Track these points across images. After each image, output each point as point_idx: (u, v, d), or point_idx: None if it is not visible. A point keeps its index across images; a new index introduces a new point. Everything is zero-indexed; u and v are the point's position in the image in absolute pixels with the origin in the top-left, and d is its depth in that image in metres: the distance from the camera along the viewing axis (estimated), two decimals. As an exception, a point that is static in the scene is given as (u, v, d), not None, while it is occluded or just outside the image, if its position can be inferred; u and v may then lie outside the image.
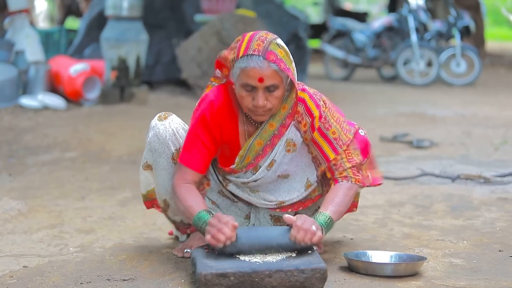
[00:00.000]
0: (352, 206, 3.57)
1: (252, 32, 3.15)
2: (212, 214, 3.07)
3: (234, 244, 2.95)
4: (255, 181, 3.30)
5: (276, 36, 3.14)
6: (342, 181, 3.20)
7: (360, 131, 3.35)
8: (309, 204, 3.40)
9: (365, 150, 3.31)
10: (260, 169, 3.27)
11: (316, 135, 3.22)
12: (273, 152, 3.25)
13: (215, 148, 3.25)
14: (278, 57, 3.05)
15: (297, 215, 3.03)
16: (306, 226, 2.93)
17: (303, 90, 3.24)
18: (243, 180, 3.31)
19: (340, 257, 3.33)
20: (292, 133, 3.24)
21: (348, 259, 3.19)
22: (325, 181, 3.35)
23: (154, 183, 3.41)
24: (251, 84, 3.05)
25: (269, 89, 3.07)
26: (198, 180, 3.26)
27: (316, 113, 3.21)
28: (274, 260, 2.93)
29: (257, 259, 2.93)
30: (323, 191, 3.36)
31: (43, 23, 21.48)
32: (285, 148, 3.25)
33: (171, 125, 3.31)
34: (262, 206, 3.38)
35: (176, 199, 3.21)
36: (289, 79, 3.11)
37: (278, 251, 2.98)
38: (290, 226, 2.99)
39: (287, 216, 2.99)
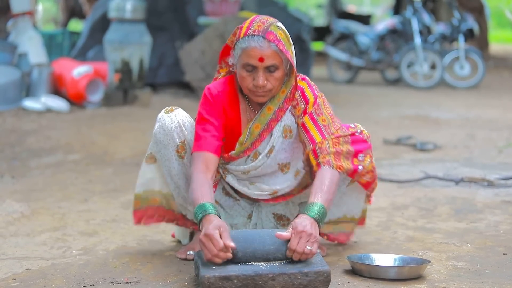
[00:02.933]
0: (359, 223, 3.58)
1: (254, 16, 3.23)
2: (215, 207, 3.02)
3: (231, 260, 2.93)
4: (255, 169, 3.33)
5: (277, 20, 3.22)
6: (324, 166, 3.15)
7: (357, 133, 3.33)
8: (302, 191, 3.42)
9: (359, 147, 3.30)
10: (260, 156, 3.30)
11: (306, 119, 3.24)
12: (272, 138, 3.29)
13: (224, 126, 3.28)
14: (278, 38, 3.12)
15: (292, 228, 2.92)
16: (300, 249, 2.86)
17: (303, 79, 3.31)
18: (244, 169, 3.33)
19: (344, 260, 3.33)
20: (288, 119, 3.29)
21: (351, 262, 3.19)
22: (312, 169, 3.30)
23: (158, 176, 3.43)
24: (252, 64, 3.12)
25: (269, 69, 3.14)
26: (213, 164, 3.21)
27: (311, 99, 3.26)
28: (277, 263, 2.93)
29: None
30: (312, 178, 3.33)
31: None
32: (283, 135, 3.29)
33: (177, 117, 3.34)
34: (257, 197, 3.40)
35: (190, 188, 3.19)
36: (287, 62, 3.17)
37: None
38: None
39: (279, 234, 2.91)
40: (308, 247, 2.87)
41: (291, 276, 2.83)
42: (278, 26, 3.16)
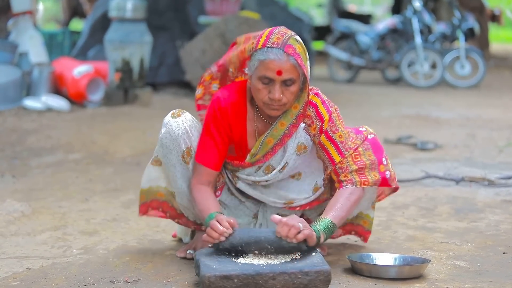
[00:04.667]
0: (366, 233, 3.58)
1: (272, 28, 3.20)
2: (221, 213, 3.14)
3: (227, 239, 2.99)
4: (266, 181, 3.33)
5: (295, 33, 3.18)
6: (346, 185, 3.20)
7: (369, 136, 3.35)
8: (315, 204, 3.42)
9: (379, 150, 3.31)
10: (274, 172, 3.30)
11: (323, 138, 3.23)
12: (285, 155, 3.27)
13: (227, 143, 3.29)
14: (296, 51, 3.09)
15: (288, 216, 3.03)
16: (290, 222, 2.94)
17: (317, 94, 3.27)
18: (254, 179, 3.33)
19: (344, 260, 3.32)
20: (302, 137, 3.27)
21: (352, 262, 3.18)
22: (332, 185, 3.36)
23: (164, 176, 3.44)
24: (269, 77, 3.08)
25: (286, 83, 3.10)
26: (214, 179, 3.31)
27: (326, 116, 3.23)
28: (278, 262, 2.93)
29: (261, 261, 2.93)
30: (331, 195, 3.38)
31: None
32: (296, 152, 3.27)
33: (184, 123, 3.33)
34: (271, 204, 3.40)
35: (192, 201, 3.29)
36: (303, 77, 3.14)
37: (272, 251, 2.98)
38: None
39: (274, 216, 2.99)
40: (300, 225, 2.94)
41: (291, 275, 2.83)
42: (296, 39, 3.12)
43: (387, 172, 3.31)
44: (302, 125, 3.26)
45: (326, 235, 3.05)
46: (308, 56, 3.18)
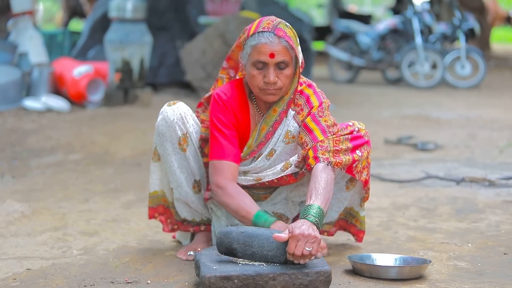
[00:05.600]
0: (359, 232, 3.56)
1: (262, 17, 3.26)
2: (268, 213, 3.13)
3: (232, 252, 2.94)
4: (255, 169, 3.32)
5: (284, 20, 3.23)
6: (323, 162, 3.12)
7: (355, 130, 3.31)
8: (291, 182, 3.35)
9: (358, 144, 3.27)
10: (260, 158, 3.30)
11: (308, 120, 3.23)
12: (272, 140, 3.28)
13: (236, 135, 3.28)
14: (287, 34, 3.14)
15: (289, 231, 2.86)
16: (298, 252, 2.83)
17: (310, 86, 3.31)
18: (244, 169, 3.34)
19: (345, 260, 3.32)
20: (291, 126, 3.28)
21: (352, 262, 3.18)
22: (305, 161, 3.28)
23: (162, 172, 3.44)
24: (263, 61, 3.13)
25: (279, 66, 3.14)
26: (236, 173, 3.26)
27: (316, 103, 3.26)
28: (278, 263, 2.93)
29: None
30: (302, 169, 3.30)
31: None
32: (284, 140, 3.28)
33: (179, 109, 3.36)
34: (244, 183, 3.35)
35: (226, 198, 3.20)
36: (295, 60, 3.18)
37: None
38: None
39: (277, 236, 2.87)
40: (307, 249, 2.83)
41: (291, 276, 2.83)
42: (286, 25, 3.19)
43: (356, 162, 3.27)
44: (292, 113, 3.28)
45: (319, 225, 2.94)
46: (298, 41, 3.22)
